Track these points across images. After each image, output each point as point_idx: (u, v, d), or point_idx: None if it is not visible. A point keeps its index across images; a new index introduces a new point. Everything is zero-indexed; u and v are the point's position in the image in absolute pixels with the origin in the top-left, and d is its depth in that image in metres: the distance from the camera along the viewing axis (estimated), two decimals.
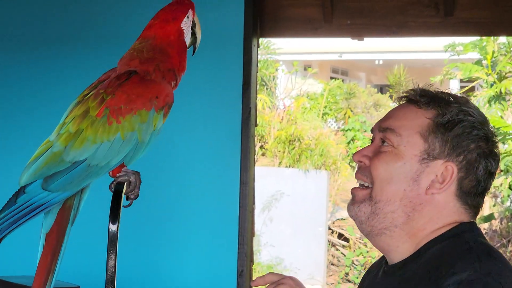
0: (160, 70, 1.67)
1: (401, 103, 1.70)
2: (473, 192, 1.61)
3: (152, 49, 1.70)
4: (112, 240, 1.48)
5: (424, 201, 1.60)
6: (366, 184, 1.66)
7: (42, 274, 1.56)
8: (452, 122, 1.60)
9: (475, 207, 1.63)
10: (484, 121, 1.63)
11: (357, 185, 1.70)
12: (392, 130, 1.64)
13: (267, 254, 10.05)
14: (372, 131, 1.73)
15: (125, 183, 1.59)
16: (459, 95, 1.67)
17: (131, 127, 1.59)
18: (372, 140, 1.71)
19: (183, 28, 1.72)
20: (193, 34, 1.77)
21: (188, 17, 1.73)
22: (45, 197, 1.57)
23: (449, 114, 1.60)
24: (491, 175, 1.62)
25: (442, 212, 1.60)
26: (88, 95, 1.66)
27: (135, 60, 1.69)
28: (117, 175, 1.62)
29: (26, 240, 1.72)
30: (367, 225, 1.64)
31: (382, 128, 1.67)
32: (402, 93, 1.70)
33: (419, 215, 1.60)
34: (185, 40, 1.73)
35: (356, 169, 1.71)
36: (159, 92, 1.63)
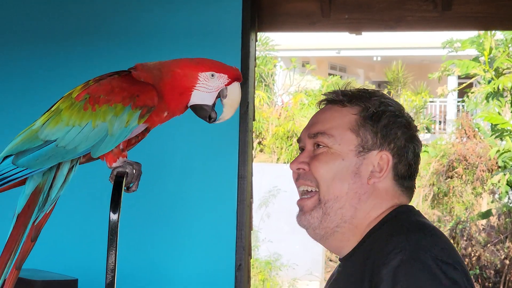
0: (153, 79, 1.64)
1: (321, 107, 1.81)
2: (407, 175, 1.73)
3: (156, 66, 1.66)
4: (113, 230, 1.48)
5: (368, 191, 1.70)
6: (309, 189, 1.74)
7: (6, 252, 1.58)
8: (377, 113, 1.71)
9: (410, 189, 1.75)
10: (402, 109, 1.76)
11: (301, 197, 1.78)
12: (323, 133, 1.73)
13: (265, 250, 10.05)
14: (299, 141, 1.82)
15: (125, 174, 1.59)
16: (374, 89, 1.80)
17: (103, 117, 1.58)
18: (302, 149, 1.79)
19: (199, 77, 1.67)
20: (221, 102, 1.71)
21: (214, 76, 1.69)
22: (10, 171, 1.59)
23: (373, 107, 1.72)
24: (417, 157, 1.75)
25: (384, 197, 1.71)
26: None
27: (138, 65, 1.68)
28: (114, 165, 1.62)
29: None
30: (321, 228, 1.72)
31: (313, 134, 1.75)
32: (322, 96, 1.81)
33: (364, 205, 1.70)
34: (192, 92, 1.68)
35: (296, 178, 1.78)
36: (143, 91, 1.60)
